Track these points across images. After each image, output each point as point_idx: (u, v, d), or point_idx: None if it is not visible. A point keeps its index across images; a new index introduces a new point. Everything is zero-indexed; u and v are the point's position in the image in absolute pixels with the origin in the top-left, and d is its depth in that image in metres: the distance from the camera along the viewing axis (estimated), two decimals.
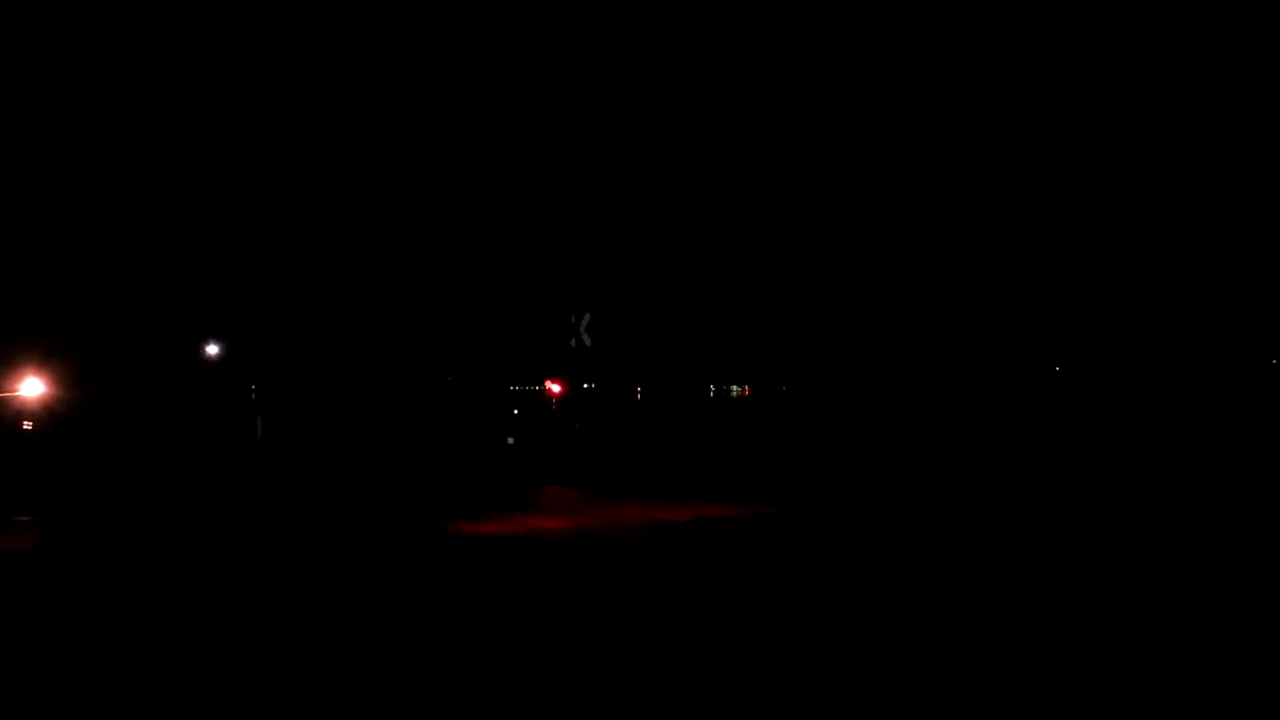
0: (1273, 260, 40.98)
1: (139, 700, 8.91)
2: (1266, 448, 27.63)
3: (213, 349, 34.84)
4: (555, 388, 34.55)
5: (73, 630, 11.32)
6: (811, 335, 43.07)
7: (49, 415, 28.15)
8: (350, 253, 40.65)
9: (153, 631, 11.19)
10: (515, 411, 39.91)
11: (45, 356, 26.33)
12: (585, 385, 30.05)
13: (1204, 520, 18.34)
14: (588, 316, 27.23)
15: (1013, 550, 15.99)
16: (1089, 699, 8.76)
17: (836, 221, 42.95)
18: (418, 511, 21.02)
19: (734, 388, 46.30)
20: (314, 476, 26.42)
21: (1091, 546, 16.11)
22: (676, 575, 14.45)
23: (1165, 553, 15.55)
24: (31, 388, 23.80)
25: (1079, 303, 43.06)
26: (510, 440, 34.73)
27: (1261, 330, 41.84)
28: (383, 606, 12.47)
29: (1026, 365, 44.28)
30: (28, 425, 29.60)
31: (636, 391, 42.66)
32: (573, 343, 27.48)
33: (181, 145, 38.80)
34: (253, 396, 31.43)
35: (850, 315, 43.08)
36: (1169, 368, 42.01)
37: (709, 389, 45.44)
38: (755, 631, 11.04)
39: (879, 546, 16.70)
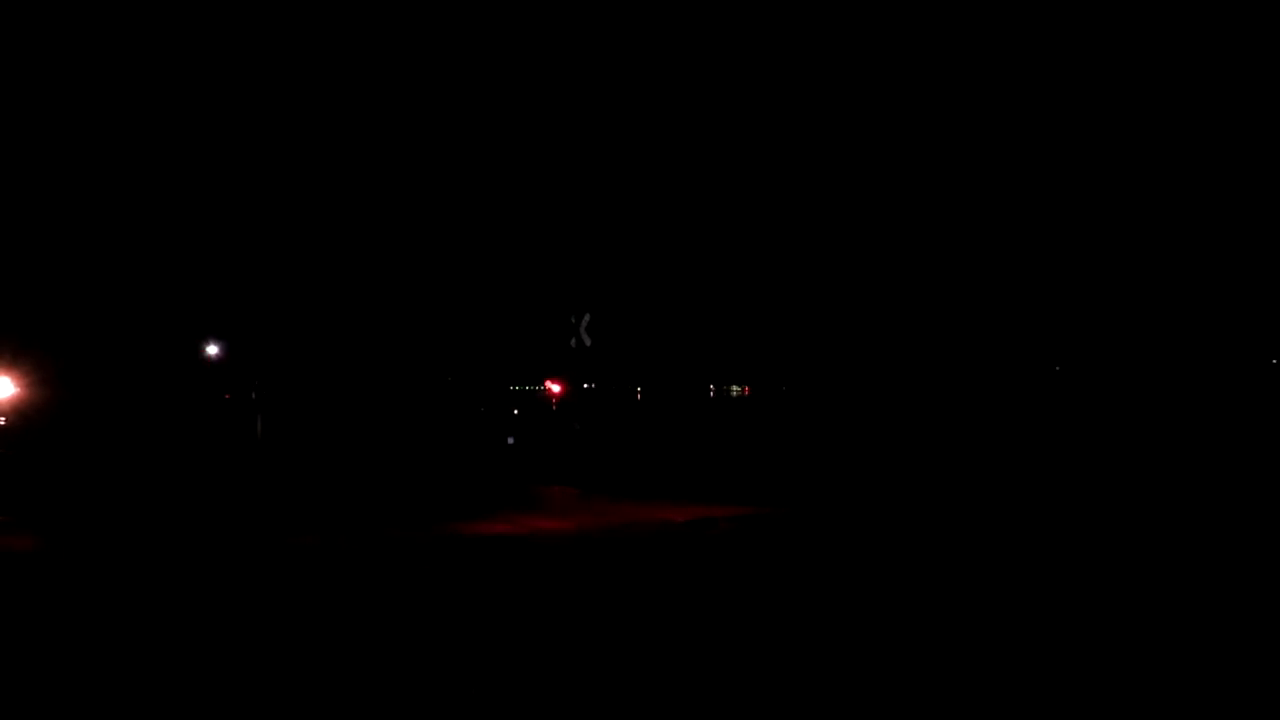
0: (1273, 260, 40.99)
1: (137, 701, 8.88)
2: (1267, 447, 27.63)
3: (212, 349, 34.82)
4: (555, 388, 34.56)
5: (65, 631, 11.29)
6: (811, 335, 43.11)
7: (34, 411, 27.65)
8: (350, 253, 40.65)
9: (148, 630, 11.16)
10: (515, 411, 39.96)
11: (31, 353, 26.00)
12: (585, 385, 30.02)
13: (1205, 520, 18.33)
14: (588, 316, 27.18)
15: (1014, 549, 15.98)
16: (1090, 699, 8.74)
17: (836, 222, 42.98)
18: (418, 511, 20.99)
19: (734, 388, 46.33)
20: (314, 476, 26.40)
21: (1093, 546, 16.10)
22: (677, 574, 14.44)
23: (1167, 552, 15.55)
24: (3, 388, 23.39)
25: (1079, 303, 43.09)
26: (510, 440, 34.74)
27: (1261, 330, 41.87)
28: (382, 606, 12.45)
29: (1026, 365, 44.31)
30: (1, 421, 28.78)
31: (636, 391, 42.69)
32: (573, 343, 27.43)
33: (178, 144, 38.80)
34: (253, 396, 31.43)
35: (850, 315, 43.11)
36: (1169, 367, 42.02)
37: (709, 389, 45.48)
38: (757, 631, 11.03)
39: (880, 546, 16.68)
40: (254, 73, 39.76)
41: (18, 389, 24.97)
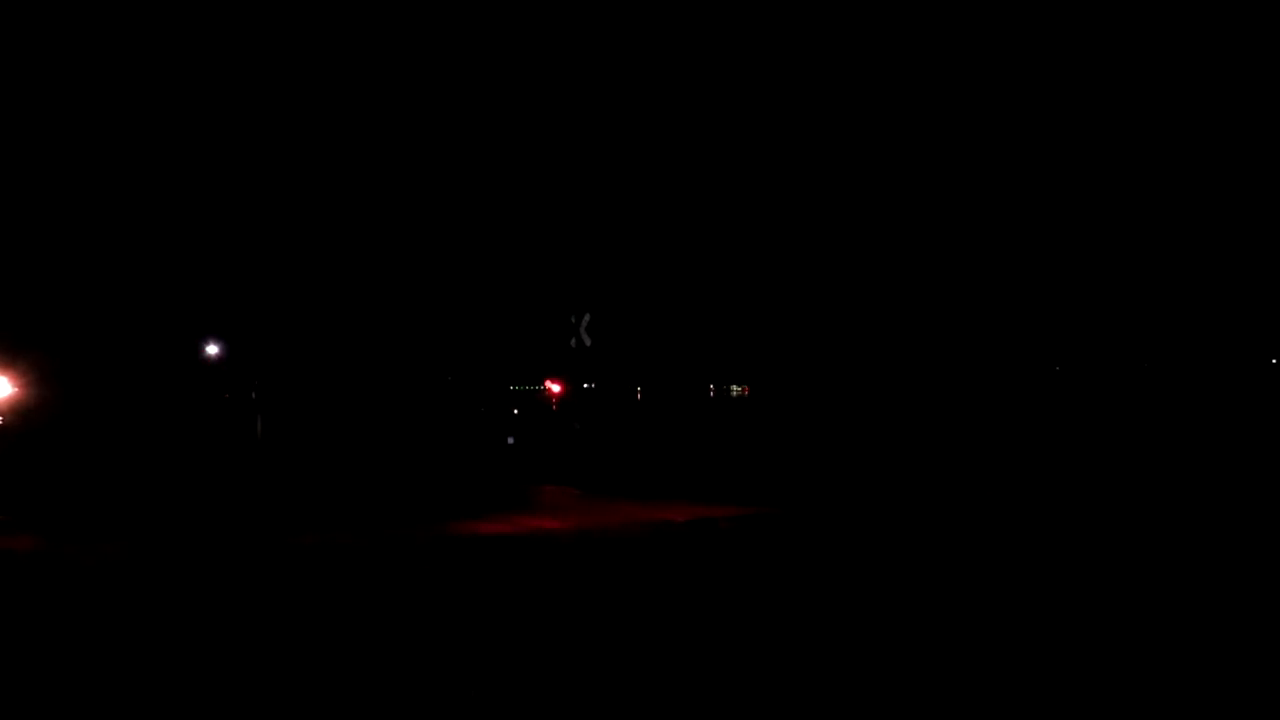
0: (1273, 260, 40.98)
1: (137, 701, 8.88)
2: (1266, 447, 27.63)
3: (212, 349, 34.79)
4: (555, 388, 34.54)
5: (65, 631, 11.29)
6: (812, 335, 43.07)
7: (33, 410, 27.49)
8: (350, 253, 40.63)
9: (148, 630, 11.16)
10: (515, 411, 39.93)
11: (29, 352, 25.86)
12: (585, 385, 30.02)
13: (1205, 520, 18.33)
14: (588, 316, 27.19)
15: (1014, 549, 15.98)
16: (1089, 699, 8.74)
17: (835, 222, 42.95)
18: (418, 511, 21.00)
19: (734, 388, 46.30)
20: (314, 476, 26.40)
21: (1093, 546, 16.10)
22: (677, 575, 14.44)
23: (1166, 553, 15.54)
24: (1, 387, 23.31)
25: (1079, 303, 43.07)
26: (510, 440, 34.73)
27: (1261, 330, 41.85)
28: (382, 606, 12.45)
29: (1026, 365, 44.29)
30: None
31: (636, 391, 42.64)
32: (573, 343, 27.44)
33: (177, 142, 38.74)
34: (253, 396, 31.39)
35: (850, 315, 43.09)
36: (1169, 367, 42.03)
37: (709, 389, 45.43)
38: (757, 631, 11.03)
39: (880, 546, 16.68)
40: (253, 72, 39.67)
41: (15, 389, 24.92)
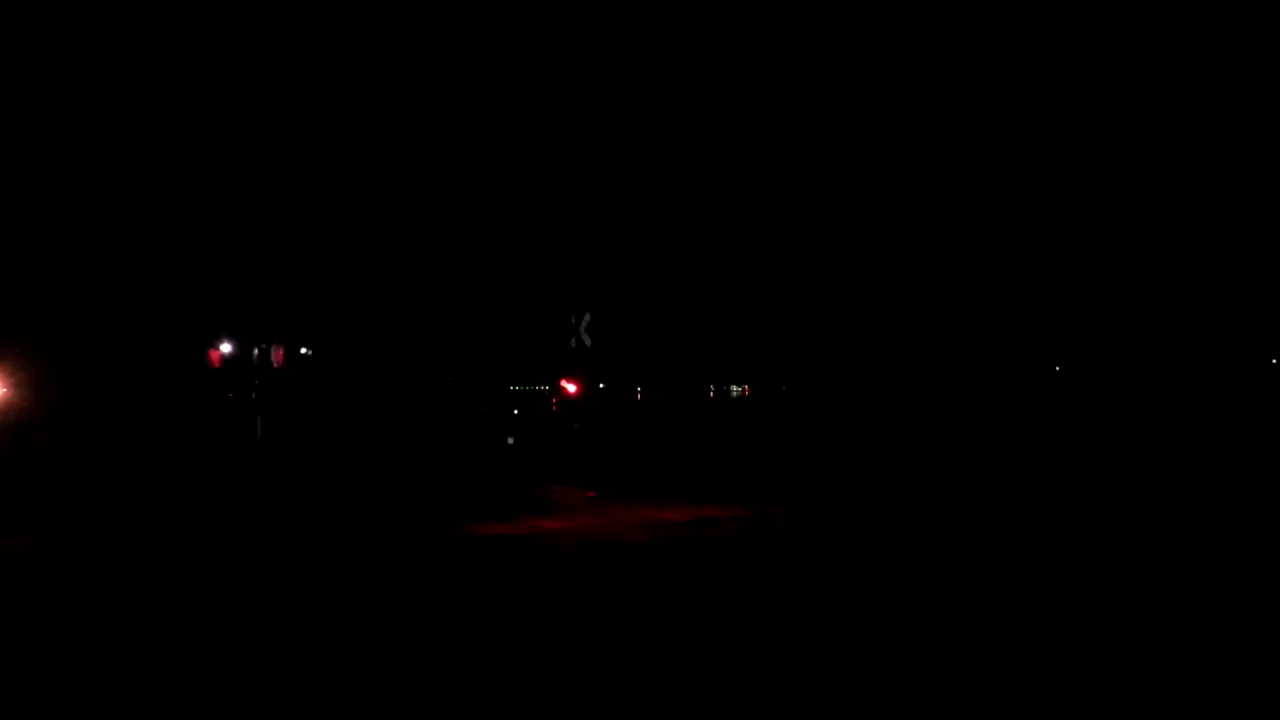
0: (1273, 260, 41.02)
1: (138, 701, 8.89)
2: (1266, 447, 27.66)
3: (213, 349, 34.76)
4: (571, 388, 34.55)
5: (64, 632, 11.29)
6: (811, 335, 43.12)
7: (29, 410, 27.36)
8: (350, 253, 40.67)
9: (148, 631, 11.16)
10: (515, 411, 39.96)
11: (21, 351, 25.80)
12: (585, 385, 30.04)
13: (1205, 520, 18.35)
14: (588, 316, 27.16)
15: (1013, 550, 15.99)
16: (1090, 700, 8.75)
17: (835, 222, 42.99)
18: (417, 511, 20.99)
19: (734, 388, 46.36)
20: (314, 477, 26.38)
21: (1092, 547, 16.11)
22: (678, 574, 14.45)
23: (1166, 554, 15.56)
24: None
25: (1079, 303, 43.12)
26: (510, 440, 34.73)
27: (1261, 330, 41.91)
28: (383, 606, 12.46)
29: (1026, 365, 44.34)
30: None
31: (637, 391, 42.70)
32: (573, 343, 27.41)
33: (181, 142, 38.76)
34: (253, 396, 31.38)
35: (849, 315, 43.13)
36: (1169, 367, 42.05)
37: (709, 389, 45.49)
38: (758, 631, 11.04)
39: (880, 546, 16.70)
40: (256, 71, 39.70)
41: (6, 389, 24.87)
